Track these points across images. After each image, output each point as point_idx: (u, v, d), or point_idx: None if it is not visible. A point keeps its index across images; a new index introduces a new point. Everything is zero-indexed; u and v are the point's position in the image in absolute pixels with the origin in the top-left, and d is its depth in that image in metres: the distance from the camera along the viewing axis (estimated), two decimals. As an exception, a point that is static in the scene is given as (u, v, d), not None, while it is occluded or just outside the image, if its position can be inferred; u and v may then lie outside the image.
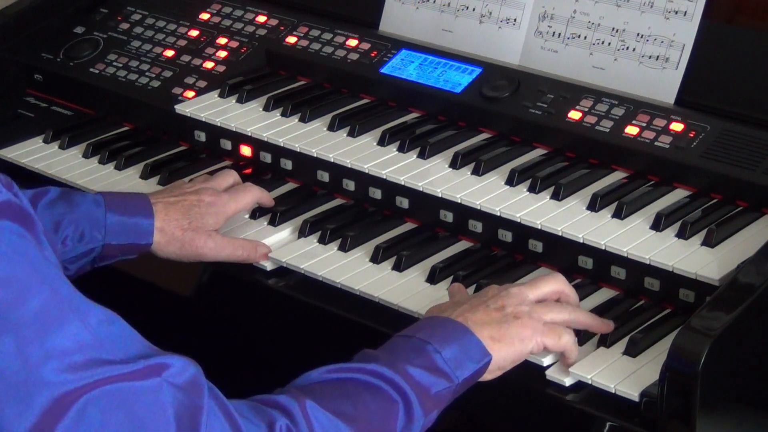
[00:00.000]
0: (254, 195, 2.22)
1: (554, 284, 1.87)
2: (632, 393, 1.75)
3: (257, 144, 2.38)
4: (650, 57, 2.28)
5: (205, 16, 2.74)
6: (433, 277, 2.05)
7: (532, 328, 1.79)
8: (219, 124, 2.41)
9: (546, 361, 1.84)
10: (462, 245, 2.15)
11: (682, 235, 1.97)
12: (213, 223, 2.13)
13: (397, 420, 1.63)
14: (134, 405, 1.41)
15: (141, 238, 2.09)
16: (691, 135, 2.12)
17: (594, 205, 2.05)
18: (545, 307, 1.83)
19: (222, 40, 2.66)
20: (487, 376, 1.76)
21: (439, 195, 2.14)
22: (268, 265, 2.14)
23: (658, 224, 1.99)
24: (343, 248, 2.14)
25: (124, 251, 2.09)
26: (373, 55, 2.48)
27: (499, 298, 1.81)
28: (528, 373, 1.82)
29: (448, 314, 1.78)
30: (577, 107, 2.24)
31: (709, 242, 1.94)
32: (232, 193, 2.20)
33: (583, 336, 1.87)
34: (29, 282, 1.40)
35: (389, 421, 1.63)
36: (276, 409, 1.55)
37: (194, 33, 2.70)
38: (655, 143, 2.14)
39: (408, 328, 1.77)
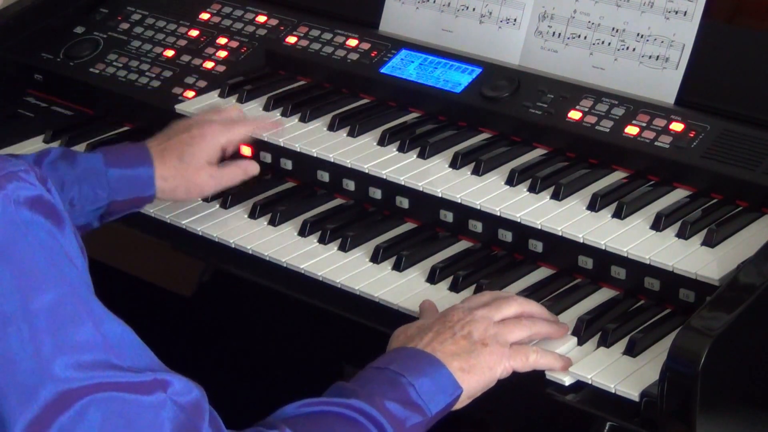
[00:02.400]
0: (247, 128, 2.29)
1: (515, 306, 1.87)
2: (632, 393, 1.75)
3: (257, 144, 2.38)
4: (650, 57, 2.28)
5: (205, 16, 2.74)
6: (433, 277, 2.05)
7: (499, 354, 1.79)
8: (219, 124, 2.41)
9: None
10: (462, 245, 2.15)
11: (682, 235, 1.97)
12: (207, 156, 2.21)
13: None
14: (134, 417, 1.42)
15: (144, 190, 2.16)
16: (691, 135, 2.12)
17: (594, 205, 2.05)
18: (507, 328, 1.83)
19: (222, 40, 2.66)
20: (457, 406, 1.77)
21: (439, 195, 2.14)
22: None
23: (658, 224, 1.99)
24: (343, 248, 2.14)
25: (129, 205, 2.17)
26: (373, 55, 2.48)
27: (465, 324, 1.81)
28: (528, 373, 1.82)
29: (416, 344, 1.78)
30: (577, 107, 2.24)
31: (709, 242, 1.94)
32: (226, 123, 2.27)
33: (583, 336, 1.87)
34: (49, 276, 1.41)
35: None
36: None
37: (194, 33, 2.70)
38: (655, 143, 2.14)
39: (379, 359, 1.77)
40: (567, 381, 1.81)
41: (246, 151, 2.41)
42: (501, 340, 1.81)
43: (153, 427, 1.43)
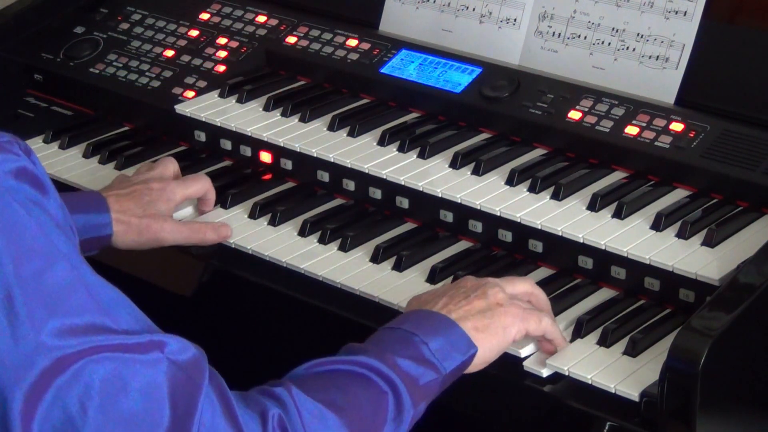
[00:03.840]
0: (203, 184, 2.27)
1: (527, 284, 1.88)
2: (632, 393, 1.75)
3: (257, 144, 2.38)
4: (650, 57, 2.28)
5: (205, 16, 2.74)
6: (433, 277, 2.05)
7: (513, 314, 1.79)
8: (219, 124, 2.41)
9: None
10: (462, 245, 2.15)
11: (682, 235, 1.97)
12: (165, 209, 2.19)
13: (387, 410, 1.63)
14: (131, 376, 1.42)
15: (100, 230, 2.13)
16: (691, 135, 2.12)
17: (594, 205, 2.05)
18: (520, 300, 1.84)
19: (222, 40, 2.66)
20: (472, 369, 1.76)
21: (439, 195, 2.14)
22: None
23: (658, 224, 1.99)
24: (343, 248, 2.14)
25: (85, 247, 2.11)
26: (373, 54, 2.48)
27: (479, 287, 1.82)
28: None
29: (431, 307, 1.79)
30: (577, 107, 2.24)
31: (709, 242, 1.94)
32: (181, 180, 2.26)
33: (583, 333, 1.88)
34: (38, 243, 1.41)
35: (380, 411, 1.62)
36: (269, 399, 1.56)
37: (194, 33, 2.70)
38: (655, 143, 2.14)
39: (393, 321, 1.77)
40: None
41: (246, 151, 2.41)
42: (516, 301, 1.81)
43: (150, 385, 1.43)
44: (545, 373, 1.83)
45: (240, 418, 1.49)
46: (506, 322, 1.78)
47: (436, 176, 2.17)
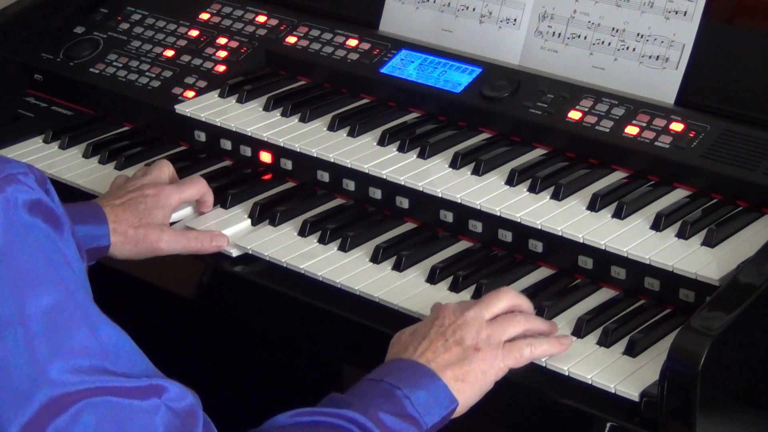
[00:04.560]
0: (199, 187, 2.25)
1: (507, 300, 1.87)
2: (632, 393, 1.75)
3: (257, 144, 2.38)
4: (650, 57, 2.28)
5: (205, 16, 2.73)
6: (433, 277, 2.05)
7: (492, 357, 1.79)
8: (219, 124, 2.41)
9: None
10: (462, 245, 2.15)
11: (682, 235, 1.97)
12: (161, 216, 2.18)
13: None
14: (128, 421, 1.42)
15: (98, 241, 2.12)
16: (691, 135, 2.12)
17: (594, 205, 2.05)
18: (500, 327, 1.82)
19: (222, 40, 2.66)
20: (455, 416, 1.77)
21: (439, 195, 2.14)
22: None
23: (658, 224, 1.99)
24: (343, 248, 2.14)
25: (83, 258, 2.11)
26: (373, 54, 2.48)
27: (457, 329, 1.81)
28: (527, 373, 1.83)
29: (410, 354, 1.78)
30: (577, 107, 2.24)
31: (709, 242, 1.94)
32: (177, 184, 2.24)
33: (583, 333, 1.88)
34: (46, 280, 1.41)
35: None
36: None
37: (194, 33, 2.70)
38: (655, 143, 2.14)
39: (375, 371, 1.77)
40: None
41: (246, 151, 2.41)
42: (494, 341, 1.80)
43: (146, 431, 1.42)
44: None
45: None
46: (484, 368, 1.78)
47: (436, 176, 2.17)
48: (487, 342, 1.80)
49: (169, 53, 2.67)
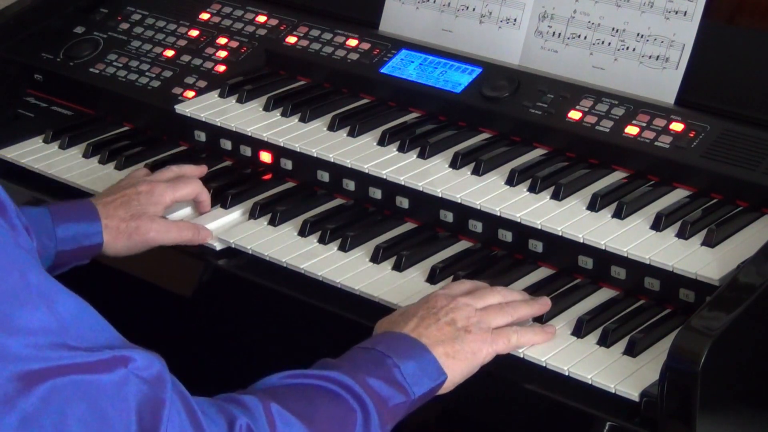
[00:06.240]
0: (193, 187, 2.26)
1: (499, 297, 1.90)
2: (632, 393, 1.75)
3: (257, 144, 2.38)
4: (650, 57, 2.28)
5: (205, 16, 2.74)
6: (433, 277, 2.05)
7: (481, 340, 1.82)
8: (219, 124, 2.41)
9: None
10: (462, 245, 2.15)
11: (682, 235, 1.97)
12: (153, 211, 2.19)
13: (355, 428, 1.65)
14: (98, 396, 1.41)
15: (91, 239, 2.12)
16: (691, 135, 2.12)
17: (594, 205, 2.05)
18: (490, 315, 1.86)
19: (222, 40, 2.66)
20: (441, 392, 1.78)
21: (439, 195, 2.14)
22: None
23: (658, 224, 1.99)
24: (343, 248, 2.14)
25: (77, 256, 2.12)
26: (373, 54, 2.48)
27: (449, 311, 1.84)
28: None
29: (401, 327, 1.81)
30: (577, 107, 2.24)
31: (709, 242, 1.94)
32: (171, 182, 2.25)
33: (583, 333, 1.88)
34: (3, 264, 1.40)
35: (347, 428, 1.65)
36: (238, 407, 1.56)
37: (194, 33, 2.70)
38: (655, 143, 2.14)
39: (366, 341, 1.79)
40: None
41: (246, 151, 2.41)
42: (483, 326, 1.83)
43: (118, 403, 1.42)
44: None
45: (206, 428, 1.49)
46: (475, 348, 1.81)
47: (436, 176, 2.17)
48: (478, 326, 1.83)
49: (169, 53, 2.67)
